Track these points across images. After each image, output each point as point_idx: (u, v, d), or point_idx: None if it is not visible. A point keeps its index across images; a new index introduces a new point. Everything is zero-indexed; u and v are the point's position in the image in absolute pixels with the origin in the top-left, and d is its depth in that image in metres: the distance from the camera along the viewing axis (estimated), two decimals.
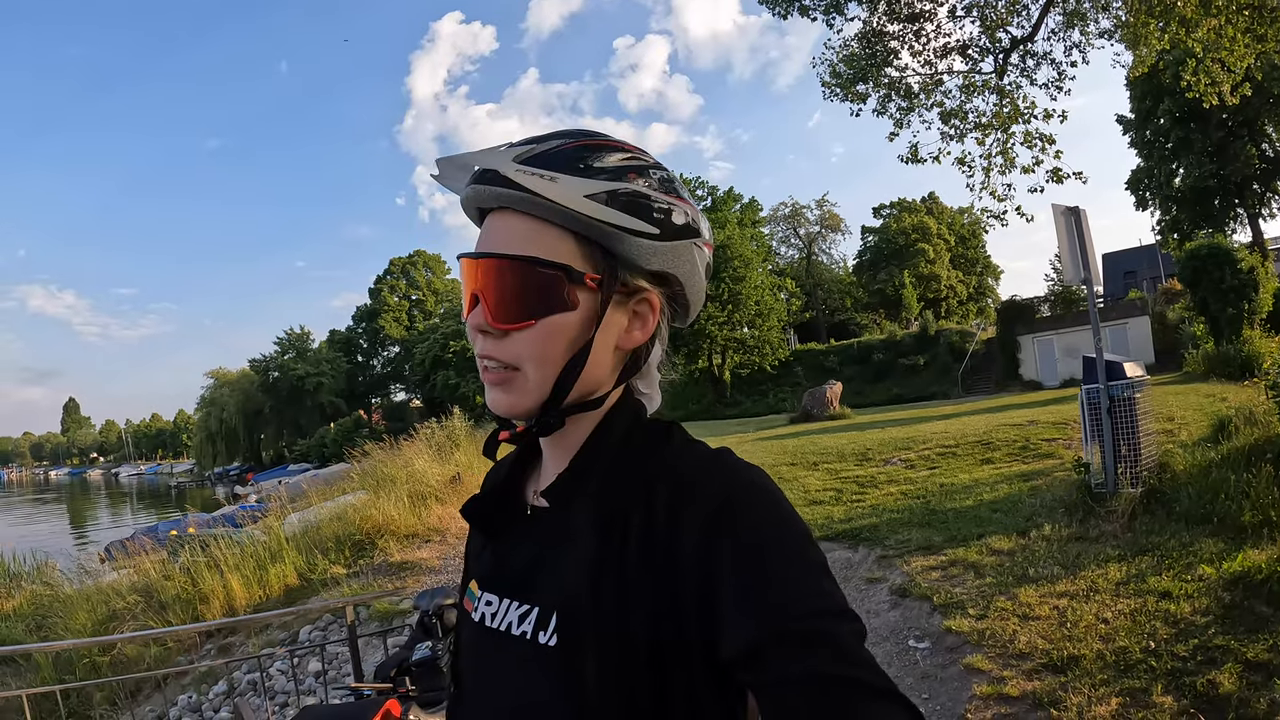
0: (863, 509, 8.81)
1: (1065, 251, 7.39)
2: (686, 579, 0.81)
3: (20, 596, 11.23)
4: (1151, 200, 35.36)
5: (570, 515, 0.92)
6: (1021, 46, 9.65)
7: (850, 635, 0.75)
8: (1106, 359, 7.02)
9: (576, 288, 0.88)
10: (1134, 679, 4.05)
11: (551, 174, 0.87)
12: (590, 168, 0.88)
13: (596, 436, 0.95)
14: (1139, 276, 42.90)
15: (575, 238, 0.88)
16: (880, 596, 6.16)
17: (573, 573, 0.87)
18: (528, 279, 0.87)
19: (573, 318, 0.89)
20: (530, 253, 0.87)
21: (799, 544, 0.82)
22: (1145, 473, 6.75)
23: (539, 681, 0.87)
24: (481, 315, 0.89)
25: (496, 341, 0.90)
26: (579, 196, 0.86)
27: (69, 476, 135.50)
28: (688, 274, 0.95)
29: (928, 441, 12.77)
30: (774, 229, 63.77)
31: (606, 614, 0.83)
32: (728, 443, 0.96)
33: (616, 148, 0.92)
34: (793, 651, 0.73)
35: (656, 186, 0.91)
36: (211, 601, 8.81)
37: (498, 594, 0.96)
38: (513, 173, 0.87)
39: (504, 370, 0.90)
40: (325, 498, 13.96)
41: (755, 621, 0.76)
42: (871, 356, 41.61)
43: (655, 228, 0.90)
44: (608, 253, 0.89)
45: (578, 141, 0.91)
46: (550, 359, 0.89)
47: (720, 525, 0.81)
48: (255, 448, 69.85)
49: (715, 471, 0.88)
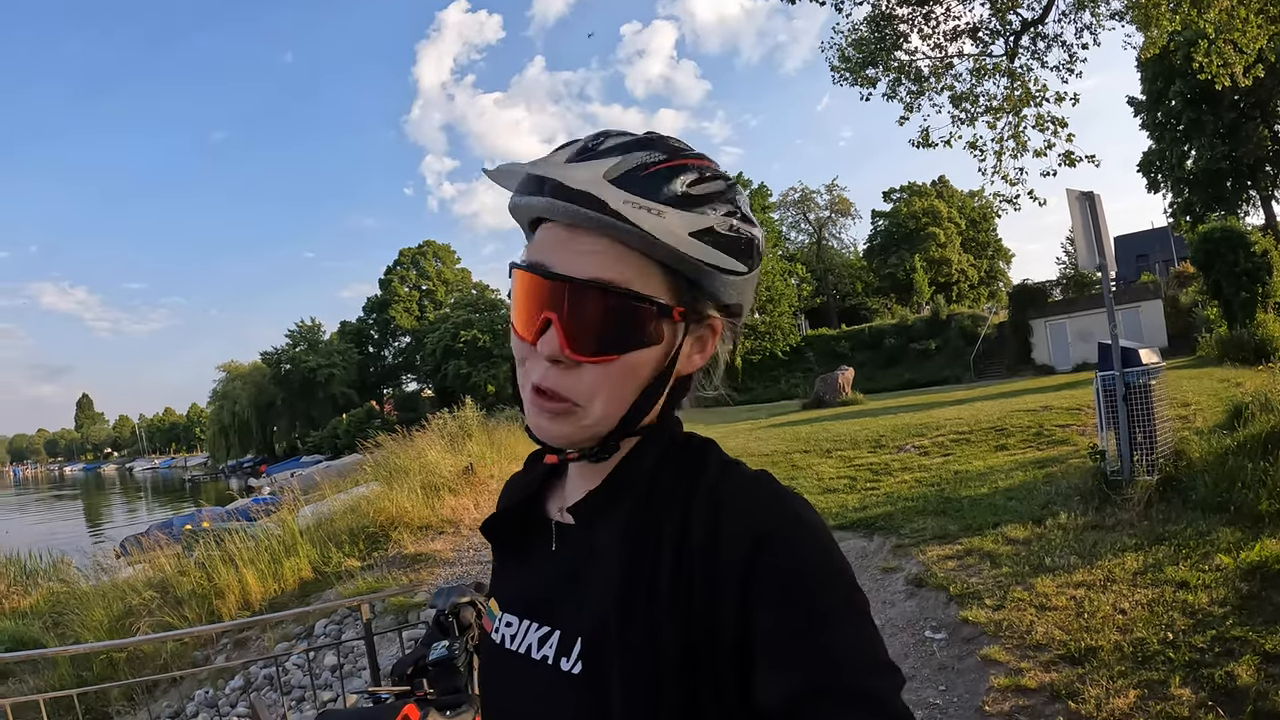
0: (877, 497, 8.79)
1: (1081, 238, 7.34)
2: (723, 606, 0.77)
3: (37, 594, 11.34)
4: (1163, 183, 35.19)
5: (596, 534, 0.89)
6: (1032, 29, 9.57)
7: (892, 692, 0.72)
8: (1122, 345, 6.98)
9: (663, 321, 0.84)
10: (1152, 671, 4.03)
11: (658, 207, 0.80)
12: (690, 197, 0.83)
13: (632, 456, 0.91)
14: (1151, 259, 42.74)
15: (663, 268, 0.83)
16: (896, 586, 6.14)
17: (599, 593, 0.84)
18: (617, 310, 0.81)
19: (654, 352, 0.85)
20: (621, 281, 0.81)
21: (845, 589, 0.78)
22: (1161, 460, 6.70)
23: (562, 709, 0.84)
24: (555, 344, 0.81)
25: (566, 372, 0.83)
26: (684, 235, 0.81)
27: (84, 472, 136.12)
28: (747, 300, 0.92)
29: (941, 427, 12.74)
30: (784, 214, 63.66)
31: (634, 637, 0.79)
32: (740, 430, 0.94)
33: (704, 168, 0.86)
34: (832, 709, 0.70)
35: (743, 217, 0.87)
36: (227, 596, 8.84)
37: (518, 615, 0.94)
38: (619, 203, 0.79)
39: (559, 403, 0.84)
40: (338, 489, 14.04)
41: (798, 673, 0.72)
42: (883, 341, 41.65)
43: (745, 265, 0.87)
44: (693, 284, 0.85)
45: (670, 161, 0.84)
46: (624, 395, 0.85)
47: (763, 556, 0.77)
48: (268, 440, 70.08)
49: (759, 497, 0.83)
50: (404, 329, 69.17)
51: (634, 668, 0.79)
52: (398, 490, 11.13)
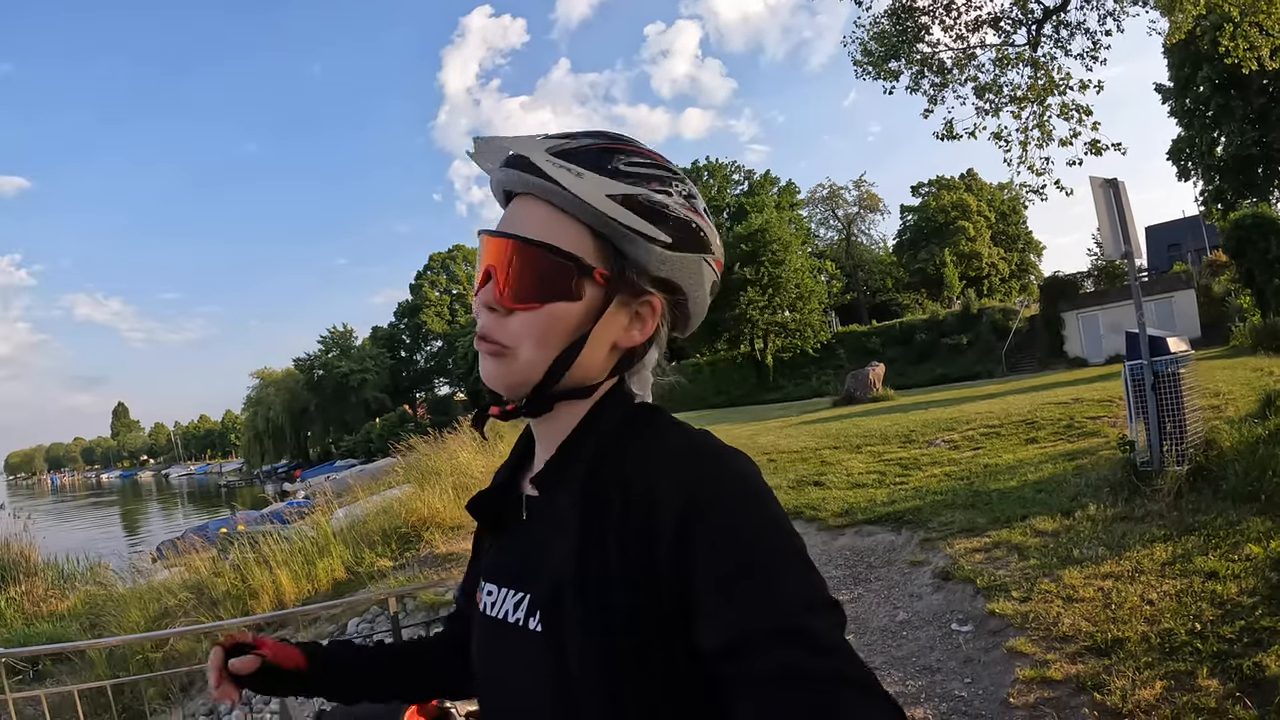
0: (906, 491, 8.74)
1: (1105, 225, 7.27)
2: (662, 563, 0.82)
3: (75, 597, 11.54)
4: (1193, 170, 34.56)
5: (556, 501, 0.95)
6: (1054, 16, 9.51)
7: (828, 628, 0.75)
8: (1150, 334, 6.91)
9: (585, 280, 0.91)
10: (1179, 662, 3.99)
11: (579, 169, 0.90)
12: (616, 169, 0.92)
13: (584, 424, 0.97)
14: (1183, 249, 42.23)
15: (591, 234, 0.91)
16: (923, 579, 6.12)
17: (556, 558, 0.89)
18: (540, 263, 0.90)
19: (576, 308, 0.91)
20: (547, 239, 0.90)
21: (775, 534, 0.81)
22: (1191, 450, 6.61)
23: (530, 667, 0.90)
24: (491, 291, 0.92)
25: (499, 320, 0.93)
26: (601, 194, 0.89)
27: (120, 479, 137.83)
28: (693, 286, 0.98)
29: (971, 422, 12.63)
30: (812, 211, 63.49)
31: (587, 598, 0.84)
32: (770, 427, 0.98)
33: (645, 155, 0.95)
34: (768, 647, 0.73)
35: (676, 199, 0.94)
36: (261, 596, 8.97)
37: (497, 584, 1.00)
38: (543, 162, 0.91)
39: (496, 347, 0.93)
40: (371, 492, 14.17)
41: (731, 616, 0.76)
42: (914, 337, 41.35)
43: (668, 236, 0.93)
44: (620, 253, 0.92)
45: (609, 143, 0.94)
46: (547, 343, 0.91)
47: (694, 512, 0.81)
48: (302, 445, 70.85)
49: (695, 454, 0.88)
50: (435, 333, 69.56)
51: (586, 627, 0.83)
52: (430, 491, 11.21)
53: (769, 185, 54.08)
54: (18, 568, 13.07)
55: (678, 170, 0.97)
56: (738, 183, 61.99)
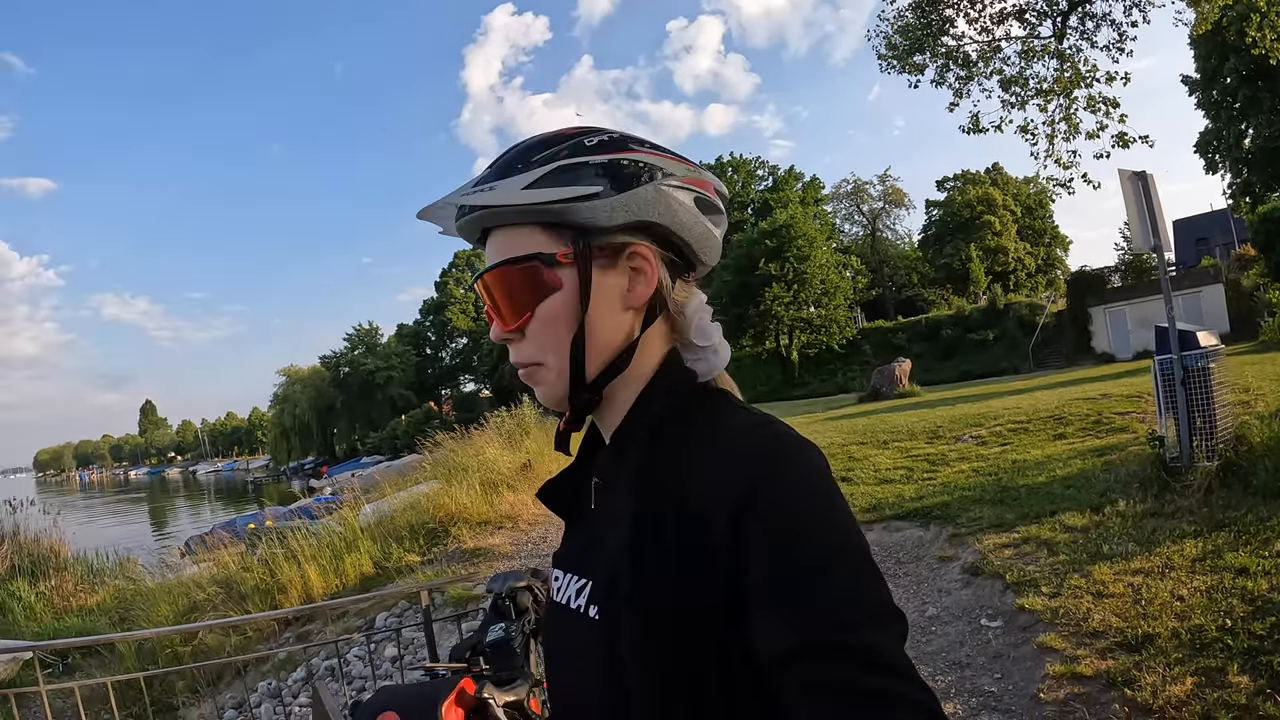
0: (934, 486, 8.72)
1: (1134, 219, 7.21)
2: (717, 559, 0.79)
3: (104, 591, 11.66)
4: (1221, 163, 34.14)
5: (617, 491, 0.95)
6: (1080, 8, 9.44)
7: (888, 642, 0.73)
8: (1179, 328, 6.85)
9: (555, 269, 0.92)
10: (1209, 658, 3.97)
11: (490, 184, 0.93)
12: (527, 162, 0.93)
13: (635, 410, 0.96)
14: (1211, 243, 41.67)
15: (541, 227, 0.93)
16: (952, 575, 6.11)
17: (614, 547, 0.89)
18: (513, 278, 0.94)
19: (563, 296, 0.93)
20: (506, 256, 0.94)
21: (839, 535, 0.79)
22: (1221, 445, 6.54)
23: (586, 652, 0.91)
24: (497, 328, 0.99)
25: (519, 345, 0.97)
26: (517, 191, 0.91)
27: (148, 476, 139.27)
28: (667, 215, 0.94)
29: (999, 417, 12.57)
30: (837, 206, 63.32)
31: (642, 587, 0.83)
32: (796, 423, 0.97)
33: (554, 137, 0.96)
34: (823, 662, 0.71)
35: (590, 149, 0.93)
36: (289, 591, 9.04)
37: (564, 570, 1.02)
38: (463, 199, 0.96)
39: (533, 368, 0.97)
40: (398, 488, 14.21)
41: (786, 625, 0.73)
42: (940, 332, 41.13)
43: (597, 185, 0.91)
44: (571, 227, 0.92)
45: (520, 146, 0.97)
46: (560, 340, 0.93)
47: (752, 506, 0.78)
48: (328, 442, 71.27)
49: (754, 443, 0.84)
50: (461, 330, 69.85)
51: (639, 615, 0.83)
52: (457, 487, 11.25)
53: (793, 181, 54.00)
54: (48, 563, 13.16)
55: (592, 128, 0.97)
56: (762, 178, 61.95)
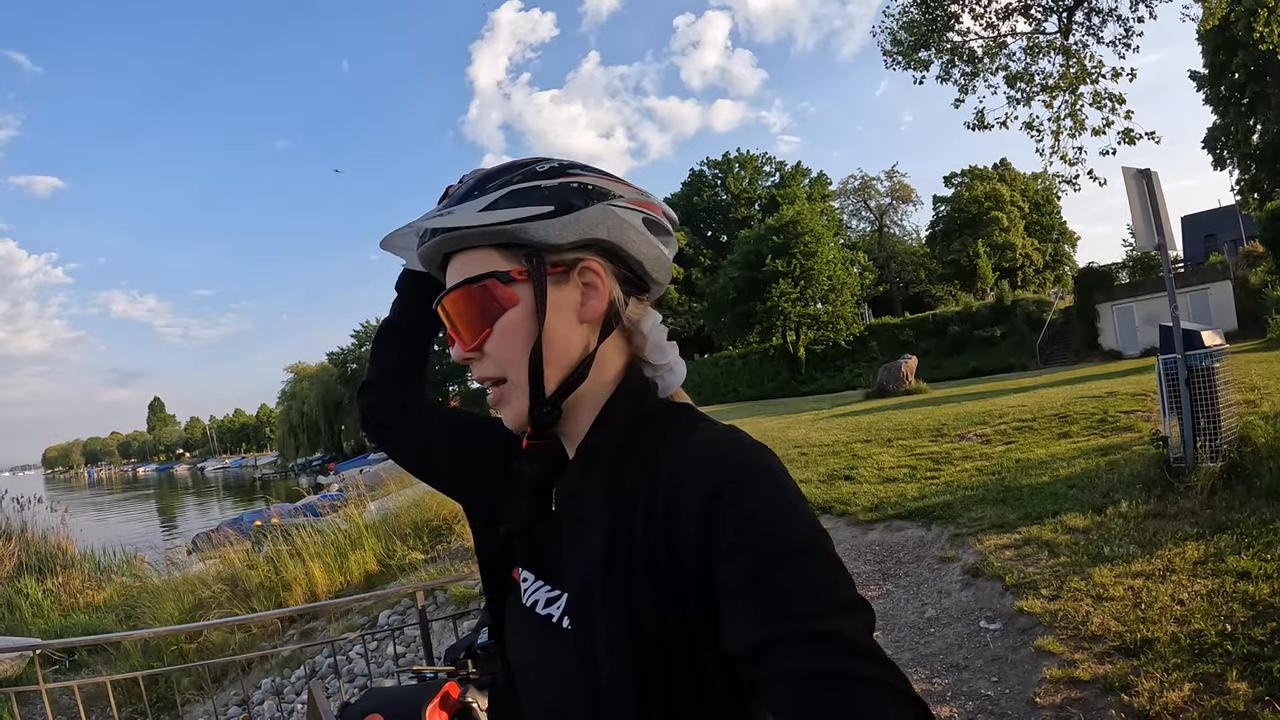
0: (937, 486, 8.70)
1: (1138, 216, 7.17)
2: (688, 562, 0.82)
3: (110, 588, 11.68)
4: (1229, 159, 34.05)
5: (585, 499, 0.95)
6: (1086, 3, 9.37)
7: (856, 629, 0.74)
8: (1184, 328, 6.81)
9: (510, 286, 0.94)
10: (1208, 664, 3.93)
11: (450, 210, 0.97)
12: (483, 188, 0.97)
13: (598, 425, 0.98)
14: (1219, 240, 41.48)
15: (497, 249, 0.96)
16: (952, 576, 6.08)
17: (584, 557, 0.90)
18: (471, 297, 0.95)
19: (519, 311, 0.94)
20: (464, 276, 0.96)
21: (802, 530, 0.80)
22: (1225, 446, 6.51)
23: (559, 662, 0.91)
24: (459, 346, 0.99)
25: (480, 363, 0.98)
26: (473, 214, 0.94)
27: (156, 472, 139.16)
28: (615, 232, 0.97)
29: (1004, 415, 12.56)
30: (844, 202, 63.16)
31: (614, 597, 0.85)
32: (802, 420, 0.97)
33: (508, 166, 1.00)
34: (797, 650, 0.72)
35: (542, 175, 0.97)
36: (294, 589, 9.08)
37: (532, 573, 1.02)
38: (425, 224, 0.99)
39: (496, 387, 0.98)
40: (403, 485, 14.25)
41: (758, 618, 0.75)
42: (947, 329, 41.09)
43: (548, 205, 0.94)
44: (523, 245, 0.95)
45: (477, 174, 1.02)
46: (518, 356, 0.95)
47: (718, 508, 0.80)
48: (336, 438, 71.45)
49: (718, 451, 0.87)
50: None
51: (615, 626, 0.84)
52: None
53: (800, 176, 53.91)
54: (55, 560, 13.21)
55: (542, 158, 1.00)
56: (769, 174, 61.83)
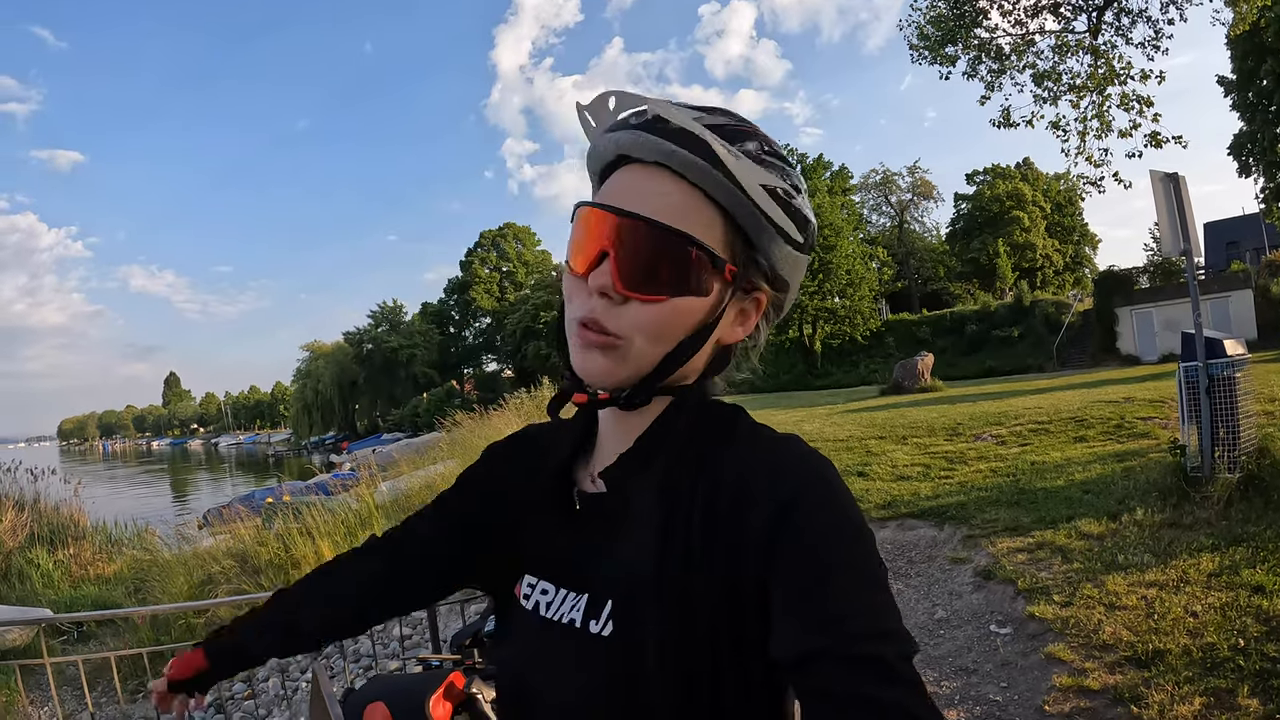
0: (950, 486, 8.65)
1: (1164, 221, 7.09)
2: (748, 567, 0.80)
3: (121, 561, 11.76)
4: (1255, 166, 33.49)
5: (630, 497, 0.90)
6: (1116, 3, 9.29)
7: (898, 658, 0.73)
8: (1206, 335, 6.74)
9: (714, 275, 0.85)
10: (1220, 678, 3.89)
11: (738, 152, 0.83)
12: (761, 158, 0.86)
13: (665, 418, 0.92)
14: (1242, 247, 41.15)
15: (724, 221, 0.85)
16: (964, 578, 6.05)
17: (631, 555, 0.86)
18: (672, 252, 0.82)
19: (702, 304, 0.86)
20: (682, 224, 0.82)
21: (862, 555, 0.79)
22: (1244, 457, 6.43)
23: (592, 672, 0.85)
24: (608, 276, 0.83)
25: (612, 307, 0.84)
26: (755, 183, 0.83)
27: (170, 447, 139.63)
28: (795, 284, 0.95)
29: (1020, 417, 12.46)
30: (865, 196, 62.70)
31: (667, 598, 0.82)
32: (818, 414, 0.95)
33: (772, 145, 0.90)
34: (838, 669, 0.72)
35: (801, 196, 0.90)
36: (303, 566, 9.08)
37: (553, 583, 0.95)
38: (700, 132, 0.81)
39: (602, 335, 0.84)
40: (416, 466, 14.31)
41: (806, 632, 0.74)
42: (965, 328, 40.93)
43: (801, 237, 0.90)
44: (749, 246, 0.87)
45: (740, 124, 0.88)
46: (666, 338, 0.85)
47: (786, 519, 0.79)
48: (350, 418, 71.88)
49: (785, 459, 0.85)
50: (484, 310, 70.09)
51: (666, 628, 0.81)
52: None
53: (822, 169, 53.39)
54: (67, 531, 13.23)
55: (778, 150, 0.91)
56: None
